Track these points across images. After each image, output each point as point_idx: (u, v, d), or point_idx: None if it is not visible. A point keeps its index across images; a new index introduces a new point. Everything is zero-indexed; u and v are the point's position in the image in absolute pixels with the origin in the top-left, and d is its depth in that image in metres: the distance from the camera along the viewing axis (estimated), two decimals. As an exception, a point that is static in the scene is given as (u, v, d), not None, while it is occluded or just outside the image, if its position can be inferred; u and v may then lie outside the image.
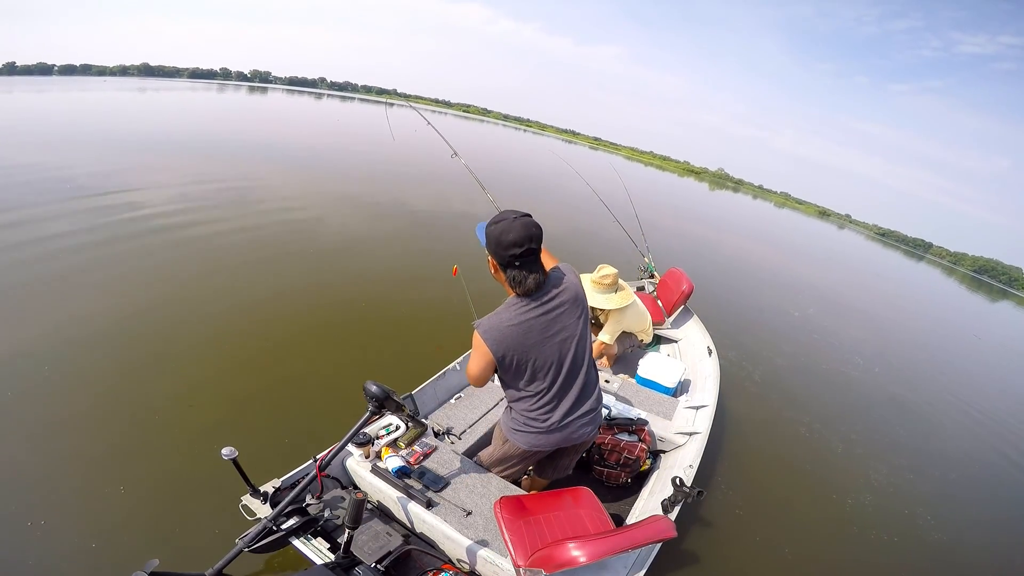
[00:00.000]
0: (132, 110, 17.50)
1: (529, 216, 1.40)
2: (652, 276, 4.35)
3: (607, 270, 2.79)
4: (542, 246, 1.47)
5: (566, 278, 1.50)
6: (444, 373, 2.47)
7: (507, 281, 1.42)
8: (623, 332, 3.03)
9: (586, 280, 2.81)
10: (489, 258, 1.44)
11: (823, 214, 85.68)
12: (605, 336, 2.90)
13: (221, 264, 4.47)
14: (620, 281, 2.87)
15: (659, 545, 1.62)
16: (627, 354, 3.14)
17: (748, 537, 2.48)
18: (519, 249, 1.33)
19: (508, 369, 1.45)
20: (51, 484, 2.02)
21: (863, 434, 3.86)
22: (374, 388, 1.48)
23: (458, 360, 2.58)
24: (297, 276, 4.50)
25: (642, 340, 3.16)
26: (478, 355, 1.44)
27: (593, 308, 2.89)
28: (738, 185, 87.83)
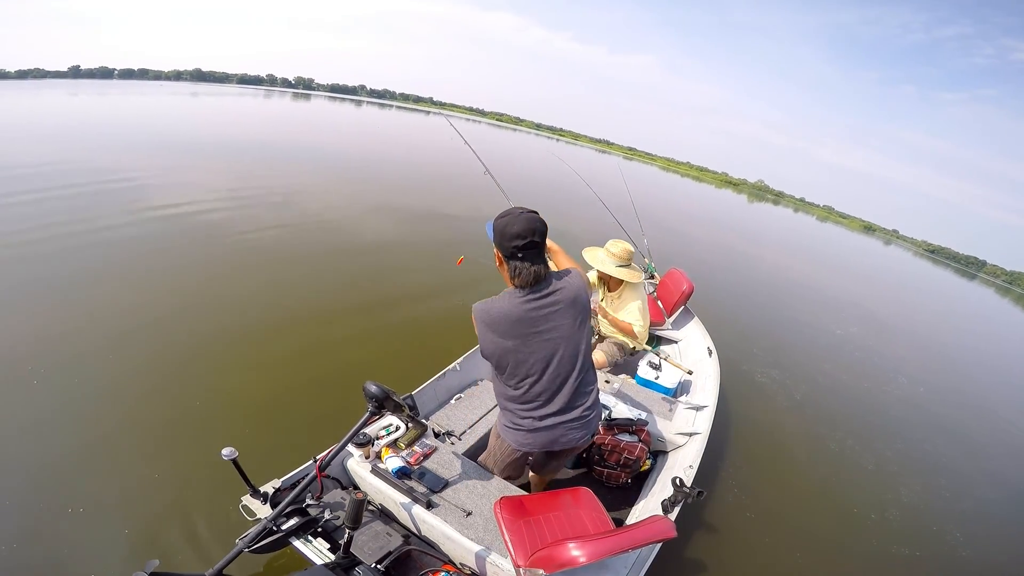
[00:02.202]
0: (190, 116, 18.33)
1: (535, 213, 1.45)
2: (652, 277, 4.35)
3: (625, 244, 2.72)
4: (561, 249, 1.66)
5: (568, 279, 1.50)
6: (444, 373, 2.47)
7: (508, 272, 1.47)
8: (611, 342, 2.95)
9: (599, 252, 2.76)
10: (495, 250, 1.49)
11: (868, 229, 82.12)
12: (637, 323, 2.75)
13: (227, 265, 4.51)
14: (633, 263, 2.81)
15: (659, 545, 1.62)
16: (618, 363, 3.00)
17: (751, 539, 2.47)
18: (521, 241, 1.39)
19: (492, 356, 1.49)
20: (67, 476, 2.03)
21: (901, 452, 3.78)
22: (374, 388, 1.49)
23: (458, 361, 2.58)
24: (298, 278, 4.51)
25: (633, 348, 3.03)
26: (477, 331, 1.51)
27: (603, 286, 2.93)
28: (778, 197, 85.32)
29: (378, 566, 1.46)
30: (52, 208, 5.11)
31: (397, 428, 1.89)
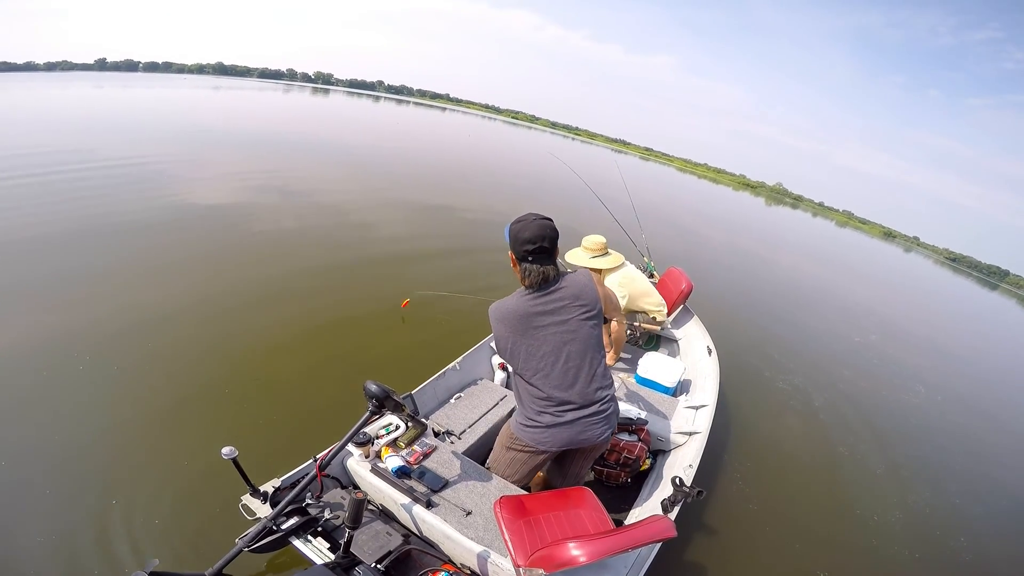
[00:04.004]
0: (212, 109, 19.19)
1: (549, 220, 1.56)
2: (651, 276, 4.35)
3: (597, 237, 2.96)
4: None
5: (573, 277, 1.59)
6: (444, 373, 2.47)
7: (520, 273, 1.57)
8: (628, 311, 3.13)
9: (577, 250, 2.98)
10: (510, 252, 1.57)
11: (888, 235, 78.92)
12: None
13: (235, 261, 4.57)
14: (610, 250, 3.02)
15: (659, 545, 1.62)
16: (640, 333, 3.28)
17: (751, 537, 2.48)
18: (532, 245, 1.50)
19: (504, 351, 1.58)
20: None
21: (913, 459, 3.75)
22: (374, 388, 1.49)
23: (458, 360, 2.58)
24: (302, 276, 4.51)
25: (655, 317, 3.27)
26: (492, 326, 1.60)
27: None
28: (797, 201, 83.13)
29: (378, 566, 1.46)
30: (76, 195, 5.47)
31: (397, 427, 1.89)
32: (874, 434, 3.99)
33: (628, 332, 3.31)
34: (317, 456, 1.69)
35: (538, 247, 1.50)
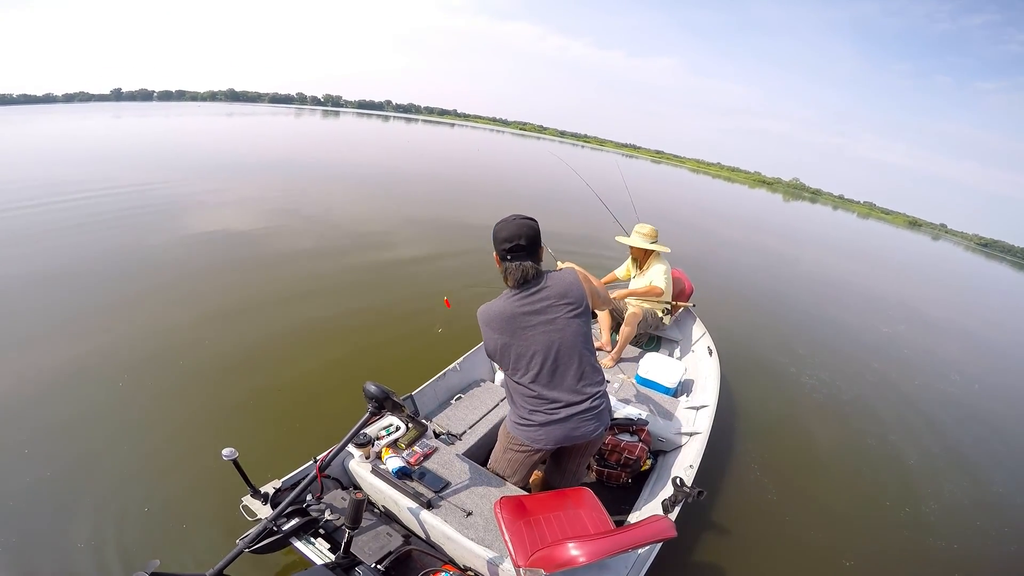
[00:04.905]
0: (230, 139, 19.39)
1: (529, 219, 1.56)
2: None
3: (649, 225, 3.21)
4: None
5: (559, 275, 1.59)
6: (444, 374, 2.47)
7: (503, 272, 1.58)
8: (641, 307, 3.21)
9: (632, 236, 3.20)
10: (494, 253, 1.58)
11: (914, 224, 75.91)
12: (660, 282, 3.12)
13: (228, 266, 4.61)
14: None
15: (659, 545, 1.62)
16: (651, 328, 3.35)
17: (768, 529, 2.46)
18: (509, 243, 1.52)
19: (494, 353, 1.58)
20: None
21: (949, 450, 3.60)
22: (374, 389, 1.49)
23: (458, 361, 2.59)
24: (299, 277, 4.53)
25: (661, 315, 3.36)
26: (481, 330, 1.62)
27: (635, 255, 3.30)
28: (815, 195, 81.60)
29: (378, 566, 1.47)
30: (104, 223, 5.58)
31: (397, 428, 1.89)
32: (905, 425, 3.88)
33: (665, 313, 3.35)
34: (317, 457, 1.69)
35: (515, 244, 1.51)
